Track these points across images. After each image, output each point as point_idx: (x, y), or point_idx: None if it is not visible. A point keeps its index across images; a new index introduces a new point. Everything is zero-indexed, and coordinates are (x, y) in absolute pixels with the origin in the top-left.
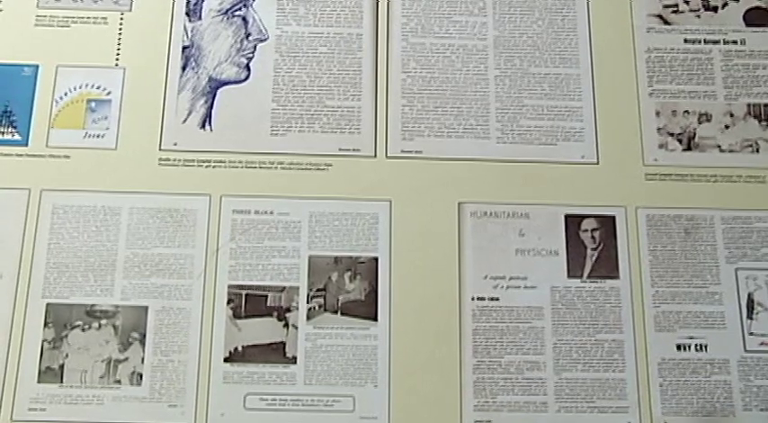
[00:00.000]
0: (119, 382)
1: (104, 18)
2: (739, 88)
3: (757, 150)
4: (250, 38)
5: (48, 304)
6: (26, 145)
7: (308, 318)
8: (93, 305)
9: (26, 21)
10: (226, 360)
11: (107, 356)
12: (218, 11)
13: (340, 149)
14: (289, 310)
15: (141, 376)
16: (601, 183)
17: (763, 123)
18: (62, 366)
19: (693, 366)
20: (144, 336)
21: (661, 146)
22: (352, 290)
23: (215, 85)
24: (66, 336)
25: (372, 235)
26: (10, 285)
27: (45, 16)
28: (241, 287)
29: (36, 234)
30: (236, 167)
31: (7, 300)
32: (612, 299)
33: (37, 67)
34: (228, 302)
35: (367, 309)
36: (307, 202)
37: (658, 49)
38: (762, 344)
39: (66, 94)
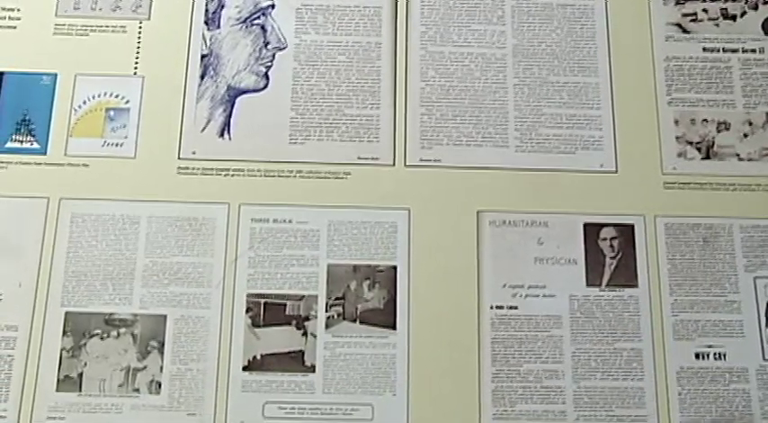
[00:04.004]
0: (137, 390)
1: (123, 27)
2: (758, 97)
3: None
4: (269, 46)
5: (66, 313)
6: (45, 153)
7: (327, 326)
8: (111, 314)
9: (45, 29)
10: (244, 369)
11: (126, 365)
12: (237, 19)
13: (359, 158)
14: (307, 318)
15: (160, 385)
16: (619, 191)
17: None
18: (81, 375)
19: (712, 375)
20: (163, 344)
21: (680, 154)
22: (370, 298)
23: (234, 94)
24: (85, 344)
25: (391, 243)
26: (29, 294)
27: (64, 25)
28: (260, 296)
29: (55, 242)
30: (255, 176)
31: (26, 308)
32: (631, 307)
33: (55, 75)
34: (247, 311)
35: (386, 317)
36: (325, 210)
37: (677, 57)
38: None
39: (84, 103)
